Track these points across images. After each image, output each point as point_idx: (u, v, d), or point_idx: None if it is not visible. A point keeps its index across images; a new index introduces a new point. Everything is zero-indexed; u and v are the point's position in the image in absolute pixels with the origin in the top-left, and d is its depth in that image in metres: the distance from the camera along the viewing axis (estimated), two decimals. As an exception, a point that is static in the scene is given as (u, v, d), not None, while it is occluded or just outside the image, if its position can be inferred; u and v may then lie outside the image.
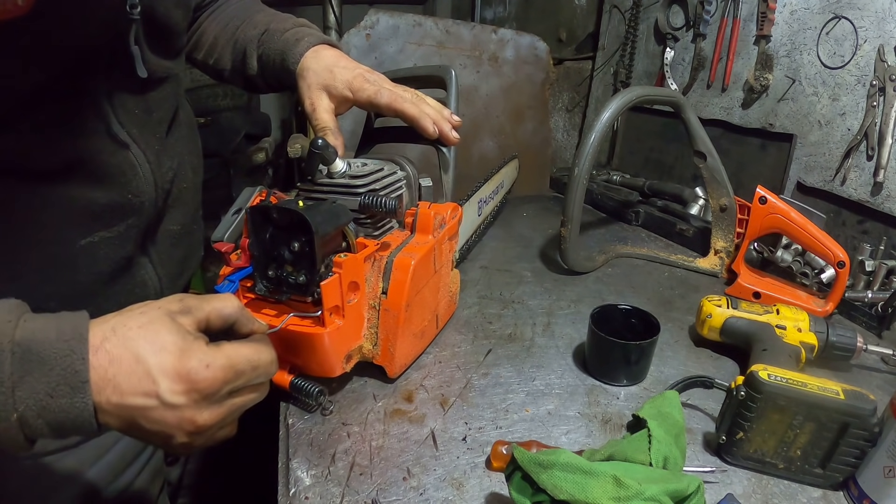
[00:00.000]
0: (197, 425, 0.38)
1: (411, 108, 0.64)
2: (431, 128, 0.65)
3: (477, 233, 0.99)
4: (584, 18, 1.53)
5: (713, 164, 0.87)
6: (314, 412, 0.56)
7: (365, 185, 0.59)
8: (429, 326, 0.66)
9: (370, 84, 0.65)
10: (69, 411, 0.34)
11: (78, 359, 0.35)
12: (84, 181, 0.50)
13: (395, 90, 0.65)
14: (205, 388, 0.37)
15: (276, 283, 0.52)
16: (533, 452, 0.42)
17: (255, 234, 0.51)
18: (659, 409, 0.51)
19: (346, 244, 0.55)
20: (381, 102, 0.64)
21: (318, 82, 0.66)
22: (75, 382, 0.34)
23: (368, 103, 0.65)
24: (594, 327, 0.61)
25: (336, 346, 0.54)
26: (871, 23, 0.83)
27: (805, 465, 0.48)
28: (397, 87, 0.66)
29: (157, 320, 0.38)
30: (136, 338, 0.36)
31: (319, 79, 0.65)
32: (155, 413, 0.36)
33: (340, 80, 0.65)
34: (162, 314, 0.38)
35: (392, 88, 0.65)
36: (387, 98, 0.64)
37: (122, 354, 0.36)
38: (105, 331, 0.36)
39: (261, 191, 0.58)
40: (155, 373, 0.36)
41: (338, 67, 0.66)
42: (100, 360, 0.35)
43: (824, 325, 0.64)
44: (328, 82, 0.65)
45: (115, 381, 0.35)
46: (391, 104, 0.64)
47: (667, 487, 0.40)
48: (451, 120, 0.67)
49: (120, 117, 0.52)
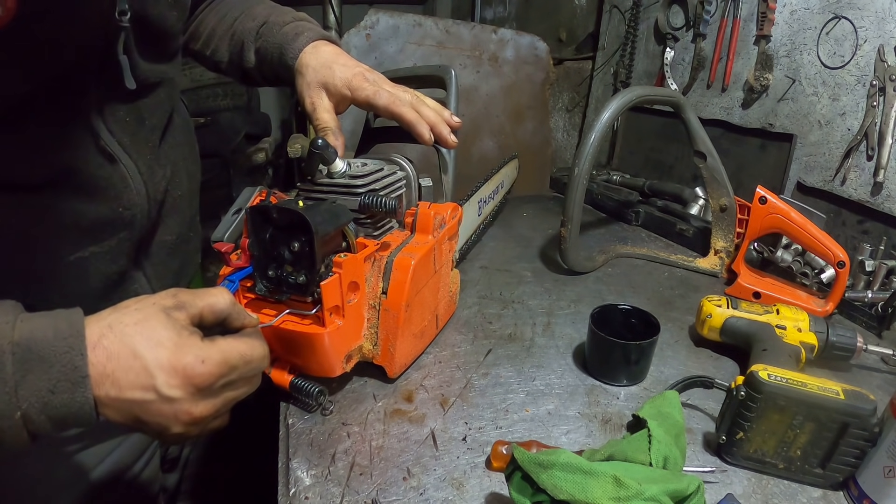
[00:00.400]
0: (193, 417, 0.39)
1: (409, 112, 0.63)
2: (427, 134, 0.64)
3: (477, 233, 0.99)
4: (584, 18, 1.53)
5: (713, 164, 0.87)
6: (314, 412, 0.56)
7: (365, 185, 0.58)
8: (429, 326, 0.66)
9: (369, 84, 0.64)
10: (70, 406, 0.35)
11: (77, 355, 0.35)
12: (72, 194, 0.49)
13: (395, 91, 0.64)
14: (200, 382, 0.38)
15: (275, 283, 0.52)
16: (533, 452, 0.42)
17: (255, 234, 0.51)
18: (659, 409, 0.51)
19: (346, 244, 0.55)
20: (378, 104, 0.63)
21: (317, 79, 0.65)
22: (75, 378, 0.35)
23: (366, 103, 0.64)
24: (594, 327, 0.61)
25: (336, 346, 0.54)
26: (871, 23, 0.83)
27: (805, 465, 0.48)
28: (397, 88, 0.65)
29: (152, 316, 0.38)
30: (132, 334, 0.37)
31: (318, 76, 0.64)
32: (153, 406, 0.37)
33: (339, 78, 0.64)
34: (157, 310, 0.39)
35: (391, 90, 0.64)
36: (385, 100, 0.63)
37: (119, 350, 0.37)
38: (102, 328, 0.37)
39: (261, 191, 0.58)
40: (152, 367, 0.37)
41: (337, 65, 0.65)
42: (98, 357, 0.36)
43: (824, 325, 0.64)
44: (327, 80, 0.64)
45: (113, 376, 0.36)
46: (389, 106, 0.63)
47: (667, 487, 0.40)
48: (451, 122, 0.66)
49: (110, 126, 0.50)
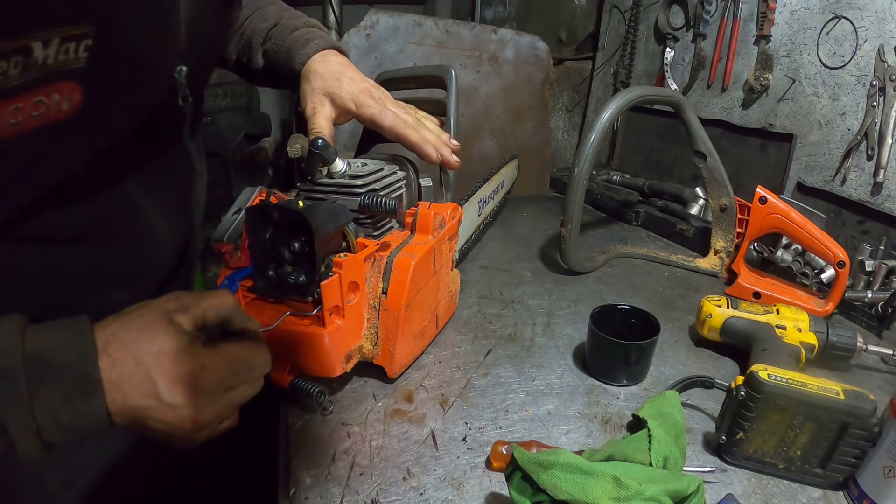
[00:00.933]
0: (197, 422, 0.39)
1: (413, 134, 0.65)
2: (434, 154, 0.65)
3: (477, 233, 0.99)
4: (584, 18, 1.53)
5: (713, 164, 0.87)
6: (314, 412, 0.56)
7: (365, 185, 0.58)
8: (429, 326, 0.66)
9: (375, 102, 0.65)
10: (84, 414, 0.35)
11: (89, 363, 0.36)
12: (99, 247, 0.48)
13: (398, 112, 0.66)
14: (202, 388, 0.39)
15: (275, 283, 0.52)
16: (533, 452, 0.42)
17: (255, 234, 0.51)
18: (659, 409, 0.51)
19: (346, 244, 0.55)
20: (384, 124, 0.65)
21: (324, 88, 0.65)
22: (88, 386, 0.35)
23: (370, 121, 0.66)
24: (594, 327, 0.61)
25: (336, 346, 0.54)
26: (871, 23, 0.83)
27: (805, 465, 0.48)
28: (399, 108, 0.66)
29: (154, 322, 0.39)
30: (135, 340, 0.37)
31: (326, 85, 0.65)
32: (156, 413, 0.38)
33: (346, 92, 0.65)
34: (159, 315, 0.39)
35: (395, 110, 0.66)
36: (390, 121, 0.65)
37: (123, 357, 0.37)
38: (107, 335, 0.37)
39: (261, 191, 0.58)
40: (154, 375, 0.37)
41: (345, 77, 0.66)
42: (104, 364, 0.36)
43: (824, 324, 0.64)
44: (333, 91, 0.65)
45: (118, 383, 0.36)
46: (394, 128, 0.65)
47: (667, 487, 0.40)
48: (451, 145, 0.68)
49: (140, 177, 0.49)
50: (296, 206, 0.49)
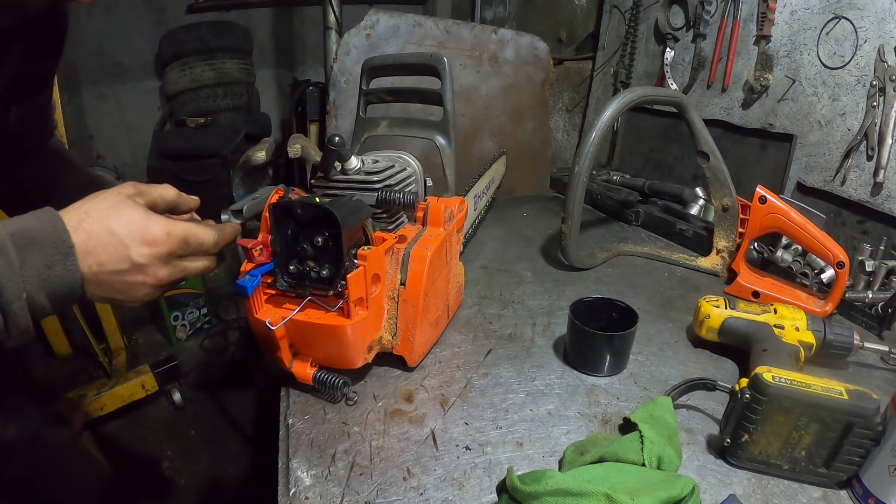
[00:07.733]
0: (157, 279, 0.48)
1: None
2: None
3: (473, 228, 0.99)
4: (584, 18, 1.53)
5: (716, 164, 0.86)
6: (338, 402, 0.57)
7: (381, 181, 0.60)
8: (442, 316, 0.67)
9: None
10: (64, 277, 0.42)
11: (62, 231, 0.42)
12: None
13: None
14: (163, 251, 0.47)
15: (297, 278, 0.52)
16: (519, 475, 0.42)
17: (277, 230, 0.51)
18: (651, 413, 0.52)
19: (366, 238, 0.57)
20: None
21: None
22: (64, 249, 0.42)
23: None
24: (573, 316, 0.62)
25: (359, 338, 0.55)
26: (871, 23, 0.83)
27: (809, 465, 0.48)
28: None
29: (121, 202, 0.46)
30: (108, 216, 0.45)
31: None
32: (127, 276, 0.46)
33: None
34: (123, 197, 0.47)
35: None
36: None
37: (98, 230, 0.44)
38: (80, 214, 0.44)
39: (277, 189, 0.58)
40: (126, 240, 0.45)
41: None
42: (80, 237, 0.43)
43: (821, 323, 0.64)
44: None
45: (94, 252, 0.44)
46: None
47: (660, 496, 0.40)
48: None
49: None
50: (315, 201, 0.50)
